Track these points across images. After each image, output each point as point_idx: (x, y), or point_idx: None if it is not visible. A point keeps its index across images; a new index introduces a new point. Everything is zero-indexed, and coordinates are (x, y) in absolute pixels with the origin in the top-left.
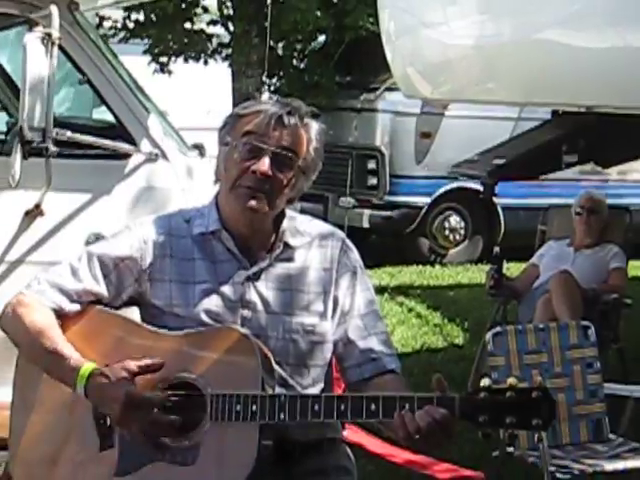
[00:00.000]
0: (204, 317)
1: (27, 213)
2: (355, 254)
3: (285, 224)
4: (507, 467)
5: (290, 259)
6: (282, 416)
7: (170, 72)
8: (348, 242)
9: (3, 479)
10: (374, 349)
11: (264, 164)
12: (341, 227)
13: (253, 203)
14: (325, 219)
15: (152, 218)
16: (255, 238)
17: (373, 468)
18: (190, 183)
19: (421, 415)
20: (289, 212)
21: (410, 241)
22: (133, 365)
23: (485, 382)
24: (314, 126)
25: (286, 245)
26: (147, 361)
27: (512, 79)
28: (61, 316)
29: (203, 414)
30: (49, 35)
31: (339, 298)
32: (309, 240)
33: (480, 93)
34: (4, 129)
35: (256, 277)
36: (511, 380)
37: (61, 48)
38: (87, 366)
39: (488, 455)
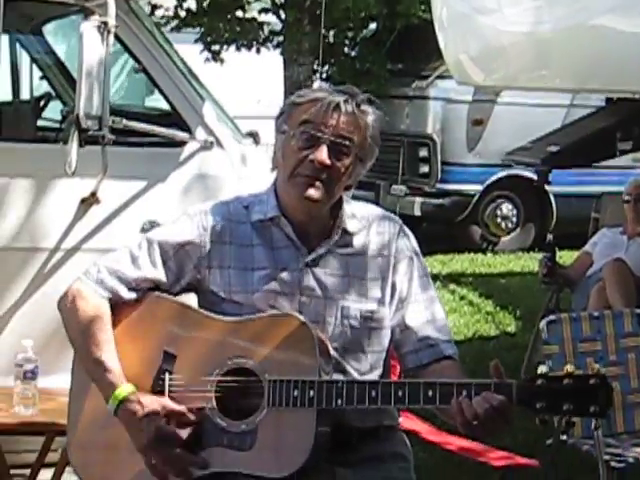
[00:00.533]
0: (262, 303)
1: (83, 201)
2: (412, 240)
3: (343, 211)
4: (561, 455)
5: (348, 245)
6: (339, 402)
7: (222, 60)
8: (405, 228)
9: (62, 463)
10: (431, 335)
11: (322, 153)
12: None
13: (311, 192)
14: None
15: (211, 204)
16: (313, 225)
17: (426, 455)
18: (245, 171)
19: (478, 402)
20: (346, 199)
21: (462, 229)
22: (170, 405)
23: (542, 369)
24: (371, 113)
25: (344, 231)
26: (184, 409)
27: (566, 66)
28: (118, 303)
29: (260, 400)
30: (105, 23)
31: (397, 284)
32: (366, 226)
33: (533, 80)
34: (59, 117)
35: (314, 263)
36: (568, 367)
37: (116, 36)
38: (123, 388)
39: (542, 443)
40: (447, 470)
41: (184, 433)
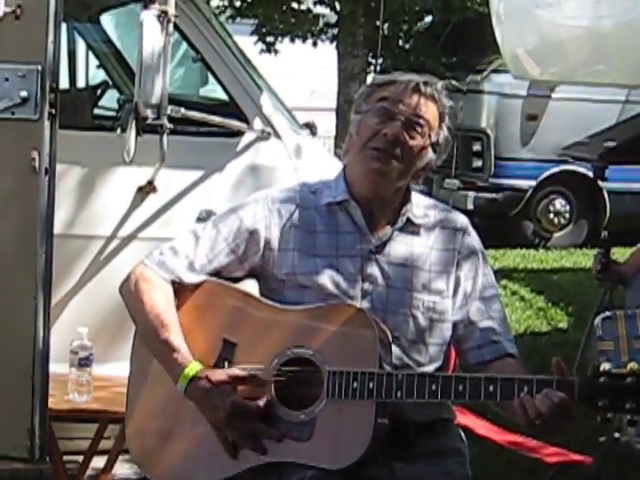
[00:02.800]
0: (325, 288)
1: (140, 189)
2: (477, 238)
3: (410, 199)
4: (613, 453)
5: (413, 234)
6: (399, 394)
7: (276, 52)
8: (471, 227)
9: (115, 451)
10: (495, 332)
11: (395, 127)
12: None
13: (380, 165)
14: None
15: (277, 189)
16: (379, 207)
17: (477, 451)
18: (301, 162)
19: (541, 400)
20: (414, 188)
21: (514, 224)
22: (239, 373)
23: (605, 366)
24: (447, 104)
25: (409, 220)
26: (253, 373)
27: (624, 61)
28: (180, 287)
29: (320, 390)
30: (165, 12)
31: (461, 279)
32: (433, 220)
33: (590, 75)
34: (115, 106)
35: (378, 251)
36: (632, 365)
37: (175, 26)
38: (192, 366)
39: (594, 441)
40: (498, 466)
41: (256, 405)
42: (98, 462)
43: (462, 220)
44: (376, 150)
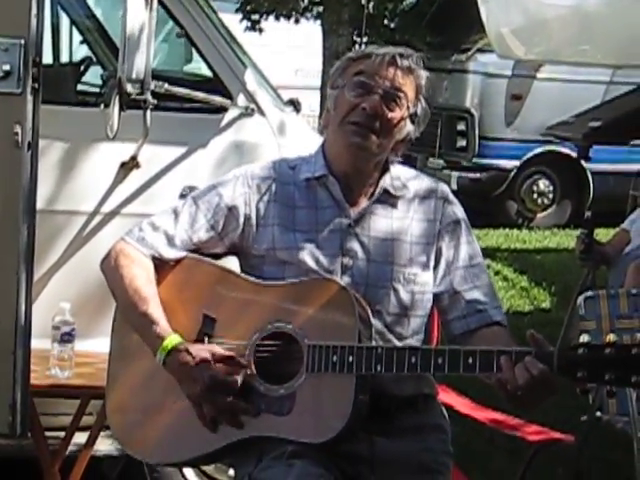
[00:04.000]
0: (305, 263)
1: (123, 165)
2: (459, 207)
3: (388, 173)
4: (595, 432)
5: (392, 206)
6: (379, 368)
7: (261, 30)
8: (452, 196)
9: (96, 427)
10: (480, 300)
11: (374, 100)
12: None
13: (359, 139)
14: None
15: (257, 165)
16: (358, 179)
17: (459, 429)
18: (285, 139)
19: (520, 372)
20: (392, 160)
21: (498, 204)
22: (219, 350)
23: (584, 338)
24: (424, 75)
25: (386, 192)
26: (232, 353)
27: (608, 41)
28: (160, 263)
29: (299, 365)
30: None
31: (443, 249)
32: (412, 191)
33: (575, 55)
34: (99, 81)
35: (357, 224)
36: (611, 336)
37: (159, 1)
38: (171, 338)
39: (575, 419)
40: (479, 444)
41: (234, 381)
42: (80, 438)
43: (442, 189)
44: (355, 124)
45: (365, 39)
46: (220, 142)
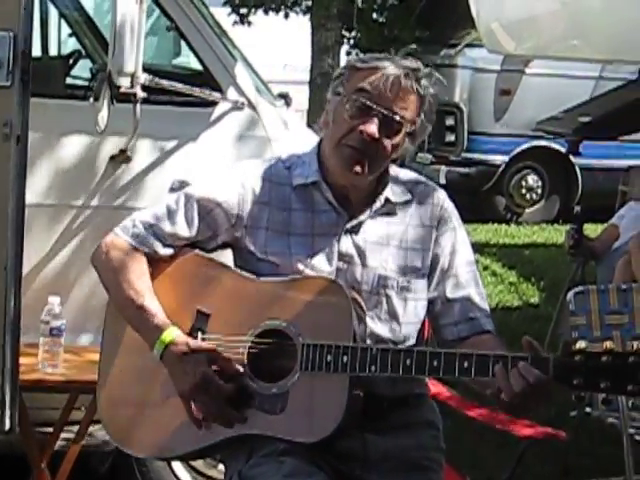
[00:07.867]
0: (298, 267)
1: (112, 158)
2: (456, 213)
3: (387, 180)
4: (584, 427)
5: (390, 214)
6: (373, 369)
7: (249, 24)
8: (449, 201)
9: (85, 421)
10: (472, 309)
11: (372, 126)
12: None
13: (357, 169)
14: None
15: (253, 163)
16: (354, 193)
17: (449, 424)
18: (276, 132)
19: (516, 379)
20: (392, 168)
21: (486, 199)
22: (217, 353)
23: (580, 344)
24: (430, 89)
25: (387, 200)
26: (229, 358)
27: (598, 36)
28: (153, 259)
29: (293, 363)
30: None
31: (439, 256)
32: (410, 196)
33: (565, 50)
34: (88, 75)
35: (354, 230)
36: (607, 344)
37: None
38: (170, 331)
39: (565, 415)
40: (469, 439)
41: (227, 386)
42: (69, 433)
43: (439, 195)
44: (352, 148)
45: (354, 33)
46: (210, 136)
